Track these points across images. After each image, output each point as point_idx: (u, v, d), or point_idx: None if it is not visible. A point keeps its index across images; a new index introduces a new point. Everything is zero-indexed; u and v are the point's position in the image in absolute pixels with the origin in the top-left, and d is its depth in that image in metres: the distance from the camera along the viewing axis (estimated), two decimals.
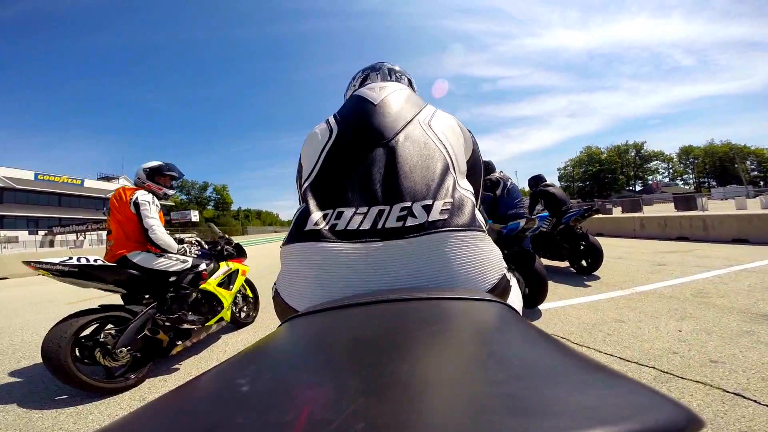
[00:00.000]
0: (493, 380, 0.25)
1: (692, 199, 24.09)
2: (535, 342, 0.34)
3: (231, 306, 3.18)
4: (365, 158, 0.68)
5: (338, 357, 0.35)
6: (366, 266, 0.57)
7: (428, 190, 0.62)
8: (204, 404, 0.28)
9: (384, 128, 0.72)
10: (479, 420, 0.20)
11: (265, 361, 0.37)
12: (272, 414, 0.24)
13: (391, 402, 0.23)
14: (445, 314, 0.45)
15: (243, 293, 3.63)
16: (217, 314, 2.95)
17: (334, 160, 0.72)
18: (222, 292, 3.02)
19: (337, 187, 0.66)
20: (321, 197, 0.67)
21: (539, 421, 0.19)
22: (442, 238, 0.58)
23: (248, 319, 3.67)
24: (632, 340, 2.49)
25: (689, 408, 0.20)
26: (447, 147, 0.72)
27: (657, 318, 2.90)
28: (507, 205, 3.83)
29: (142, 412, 0.27)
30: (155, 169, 2.83)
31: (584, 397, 0.22)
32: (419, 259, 0.56)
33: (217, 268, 3.10)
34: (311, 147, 0.78)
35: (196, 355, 2.97)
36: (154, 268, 2.53)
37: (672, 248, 6.70)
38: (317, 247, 0.60)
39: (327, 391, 0.26)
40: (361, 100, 0.82)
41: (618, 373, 0.25)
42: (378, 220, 0.59)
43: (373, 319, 0.44)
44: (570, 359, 0.28)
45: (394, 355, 0.32)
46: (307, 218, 0.64)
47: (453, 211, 0.61)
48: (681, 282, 4.05)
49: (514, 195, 3.93)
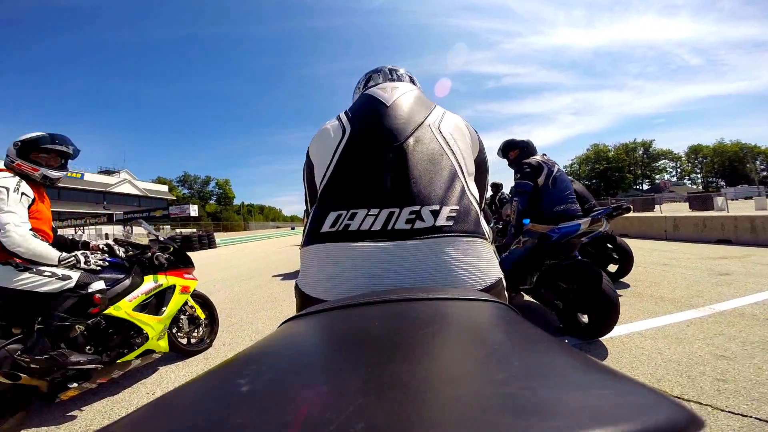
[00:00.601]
0: (493, 380, 0.25)
1: (708, 198, 22.96)
2: (535, 342, 0.34)
3: (164, 332, 2.33)
4: (377, 160, 0.70)
5: (338, 357, 0.35)
6: (376, 265, 0.60)
7: (436, 196, 0.66)
8: (204, 404, 0.28)
9: (396, 131, 0.74)
10: (479, 420, 0.20)
11: (265, 361, 0.36)
12: (272, 414, 0.24)
13: (391, 402, 0.23)
14: (445, 314, 0.44)
15: (191, 314, 2.73)
16: (137, 347, 2.10)
17: (347, 160, 0.73)
18: (143, 319, 2.15)
19: (351, 188, 0.69)
20: (335, 198, 0.69)
21: (539, 421, 0.19)
22: (448, 242, 0.62)
23: (201, 346, 2.79)
24: (765, 389, 1.71)
25: (689, 408, 0.20)
26: (455, 150, 0.75)
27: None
28: (553, 198, 2.86)
29: (142, 412, 0.26)
30: (30, 143, 1.99)
31: (584, 397, 0.22)
32: (426, 259, 0.60)
33: (139, 283, 2.22)
34: (323, 144, 0.79)
35: (110, 396, 2.17)
36: (13, 288, 1.67)
37: (721, 253, 5.74)
38: (333, 247, 0.64)
39: (327, 391, 0.26)
40: (373, 100, 0.83)
41: (618, 373, 0.25)
42: (388, 221, 0.63)
43: (373, 319, 0.43)
44: (570, 359, 0.28)
45: (394, 355, 0.32)
46: (322, 220, 0.68)
47: (458, 218, 0.65)
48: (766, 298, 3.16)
49: (562, 185, 2.91)
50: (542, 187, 2.87)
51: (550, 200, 2.85)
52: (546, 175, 2.89)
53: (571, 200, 2.89)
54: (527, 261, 2.89)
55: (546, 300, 2.74)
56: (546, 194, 2.86)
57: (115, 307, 2.03)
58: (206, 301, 2.96)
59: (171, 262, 2.52)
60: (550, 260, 2.84)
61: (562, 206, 2.84)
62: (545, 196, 2.86)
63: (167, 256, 2.50)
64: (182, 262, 2.64)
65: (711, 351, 2.19)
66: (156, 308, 2.29)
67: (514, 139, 3.24)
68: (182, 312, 2.63)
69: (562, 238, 2.65)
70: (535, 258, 2.87)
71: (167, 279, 2.41)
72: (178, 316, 2.58)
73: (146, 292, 2.22)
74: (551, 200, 2.85)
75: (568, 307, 2.52)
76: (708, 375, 1.91)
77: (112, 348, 2.02)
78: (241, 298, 4.92)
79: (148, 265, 2.37)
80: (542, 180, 2.87)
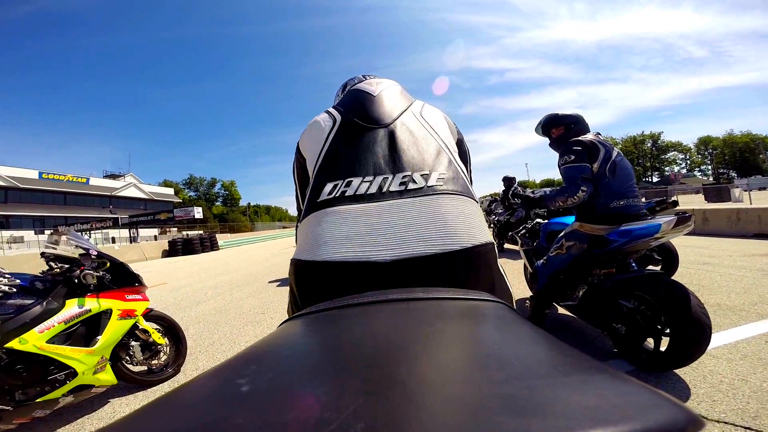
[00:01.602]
0: (493, 380, 0.25)
1: (725, 190, 22.00)
2: (535, 342, 0.34)
3: (104, 364, 1.89)
4: (368, 138, 0.74)
5: (338, 357, 0.35)
6: (374, 222, 0.61)
7: (426, 164, 0.69)
8: (204, 404, 0.27)
9: (383, 114, 0.79)
10: (479, 420, 0.20)
11: (265, 361, 0.36)
12: (272, 414, 0.23)
13: (391, 402, 0.23)
14: (444, 314, 0.44)
15: (146, 341, 2.23)
16: (60, 385, 1.69)
17: (339, 141, 0.76)
18: (62, 352, 1.71)
19: (345, 162, 0.71)
20: (330, 172, 0.71)
21: (539, 421, 0.19)
22: (440, 199, 0.65)
23: (162, 375, 2.31)
24: None
25: (689, 408, 0.20)
26: (439, 132, 0.80)
27: None
28: (611, 190, 2.11)
29: (142, 412, 0.26)
30: None
31: (584, 397, 0.22)
32: (420, 215, 0.62)
33: (57, 309, 1.75)
34: (315, 134, 0.81)
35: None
36: None
37: (766, 249, 5.14)
38: (330, 211, 0.65)
39: (327, 391, 0.26)
40: (360, 93, 0.87)
41: (618, 373, 0.25)
42: (383, 185, 0.65)
43: (373, 319, 0.44)
44: (570, 359, 0.28)
45: (394, 355, 0.32)
46: (319, 191, 0.68)
47: (448, 180, 0.68)
48: None
49: (623, 174, 2.16)
50: (596, 175, 2.12)
51: (608, 193, 2.11)
52: (603, 159, 2.12)
53: (633, 193, 2.15)
54: (571, 270, 2.28)
55: (600, 321, 2.14)
56: (602, 185, 2.12)
57: (21, 340, 1.58)
58: (169, 322, 2.49)
59: (106, 281, 2.03)
60: (602, 270, 2.21)
61: (622, 201, 2.10)
62: (601, 187, 2.12)
63: (101, 274, 2.00)
64: (124, 280, 2.14)
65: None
66: (86, 338, 1.83)
67: (559, 113, 2.46)
68: (133, 338, 2.16)
69: (628, 243, 1.98)
70: (582, 267, 2.23)
71: (99, 303, 1.91)
72: (128, 342, 2.12)
73: (66, 320, 1.74)
74: (609, 193, 2.11)
75: (634, 331, 1.94)
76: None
77: (23, 386, 1.62)
78: (230, 309, 4.46)
79: (76, 284, 1.88)
80: (597, 166, 2.12)
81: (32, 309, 1.67)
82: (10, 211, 36.13)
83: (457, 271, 0.60)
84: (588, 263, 2.21)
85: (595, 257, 2.15)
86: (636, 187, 2.22)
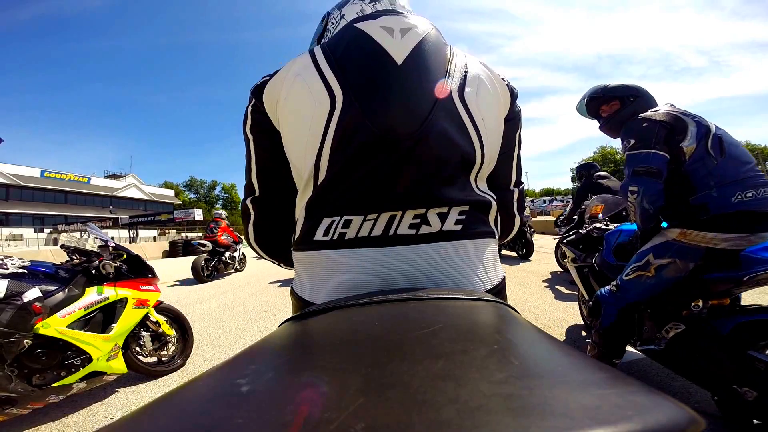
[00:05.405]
0: (493, 380, 0.25)
1: None
2: (535, 342, 0.34)
3: (117, 352, 1.96)
4: (379, 154, 0.54)
5: (338, 357, 0.34)
6: (379, 271, 0.54)
7: (445, 192, 0.55)
8: (204, 404, 0.27)
9: (409, 113, 0.54)
10: (479, 420, 0.20)
11: (265, 361, 0.36)
12: (272, 414, 0.23)
13: (391, 402, 0.23)
14: (445, 314, 0.43)
15: (155, 332, 2.31)
16: (75, 370, 1.75)
17: (339, 151, 0.55)
18: (80, 337, 1.78)
19: (343, 189, 0.55)
20: (326, 200, 0.56)
21: (539, 421, 0.19)
22: (457, 246, 0.55)
23: (170, 366, 2.37)
24: None
25: (689, 408, 0.20)
26: (480, 126, 0.58)
27: None
28: (727, 175, 1.40)
29: (141, 412, 0.26)
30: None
31: (584, 397, 0.22)
32: (433, 264, 0.54)
33: (77, 296, 1.82)
34: (302, 106, 0.57)
35: (62, 418, 1.82)
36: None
37: None
38: (329, 254, 0.55)
39: (327, 391, 0.26)
40: (375, 50, 0.57)
41: (618, 373, 0.25)
42: (389, 227, 0.54)
43: (373, 319, 0.43)
44: (570, 359, 0.28)
45: (394, 354, 0.31)
46: (315, 227, 0.56)
47: (469, 219, 0.56)
48: None
49: (736, 152, 1.46)
50: (693, 158, 1.42)
51: (722, 181, 1.39)
52: (697, 134, 1.43)
53: (761, 180, 1.41)
54: (661, 302, 1.57)
55: (709, 378, 1.42)
56: (709, 171, 1.40)
57: (44, 324, 1.66)
58: (177, 315, 2.56)
59: (123, 271, 2.12)
60: (707, 301, 1.48)
61: (749, 193, 1.36)
62: (708, 174, 1.40)
63: (118, 265, 2.10)
64: (139, 271, 2.22)
65: None
66: (102, 325, 1.91)
67: (609, 85, 1.74)
68: (144, 328, 2.24)
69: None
70: (678, 295, 1.51)
71: (116, 291, 2.01)
72: (139, 332, 2.19)
73: (86, 307, 1.83)
74: (723, 181, 1.39)
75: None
76: None
77: (41, 370, 1.68)
78: (233, 306, 4.52)
79: (94, 274, 1.98)
80: (691, 144, 1.42)
81: (56, 295, 1.76)
82: (11, 209, 36.14)
83: None
84: (689, 292, 1.49)
85: (704, 284, 1.44)
86: (761, 171, 1.47)
